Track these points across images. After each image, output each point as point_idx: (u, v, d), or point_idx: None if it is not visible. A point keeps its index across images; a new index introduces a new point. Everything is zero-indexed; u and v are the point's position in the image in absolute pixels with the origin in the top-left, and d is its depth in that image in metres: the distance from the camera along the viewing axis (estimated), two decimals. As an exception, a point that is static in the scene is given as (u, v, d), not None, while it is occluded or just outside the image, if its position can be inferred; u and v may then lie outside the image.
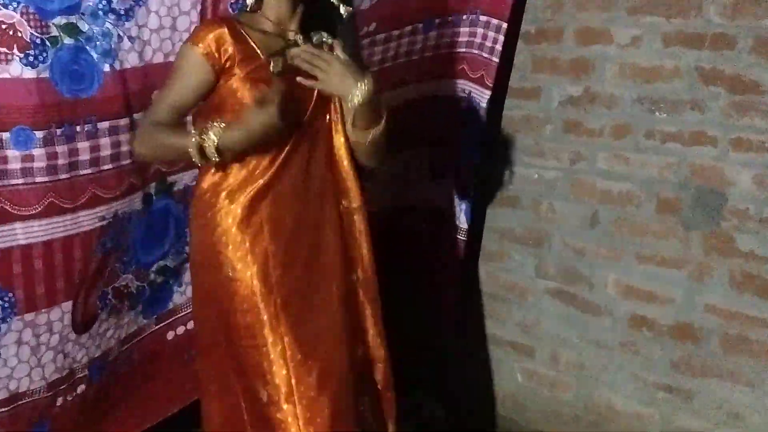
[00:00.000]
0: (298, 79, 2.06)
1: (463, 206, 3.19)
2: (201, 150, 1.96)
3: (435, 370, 3.38)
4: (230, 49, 2.02)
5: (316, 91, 2.12)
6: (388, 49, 2.85)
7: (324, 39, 2.17)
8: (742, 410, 2.70)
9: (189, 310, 2.69)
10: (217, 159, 1.98)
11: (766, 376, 2.64)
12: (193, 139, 1.95)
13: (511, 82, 3.10)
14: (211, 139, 1.95)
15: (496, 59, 2.98)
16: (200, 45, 2.01)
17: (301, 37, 2.12)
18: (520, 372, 3.25)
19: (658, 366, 2.86)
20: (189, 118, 2.19)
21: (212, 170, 2.11)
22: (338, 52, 2.07)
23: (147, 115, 2.11)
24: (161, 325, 2.67)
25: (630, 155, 2.83)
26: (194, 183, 2.41)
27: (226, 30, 2.03)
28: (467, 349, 3.36)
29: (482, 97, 3.04)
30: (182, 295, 2.69)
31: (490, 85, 3.01)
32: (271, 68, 2.04)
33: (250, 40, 2.06)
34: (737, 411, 2.71)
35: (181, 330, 2.73)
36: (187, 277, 2.64)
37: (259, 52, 2.06)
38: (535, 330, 3.18)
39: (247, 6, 2.13)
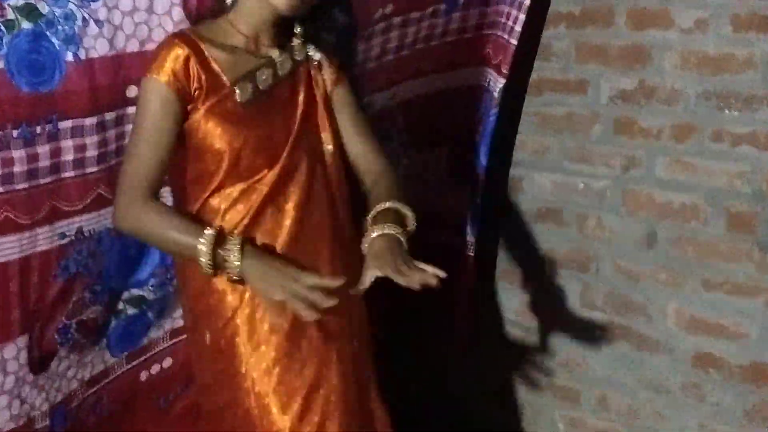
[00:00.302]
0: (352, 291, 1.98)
1: (470, 216, 3.20)
2: (214, 262, 1.95)
3: (458, 415, 3.38)
4: (196, 75, 2.00)
5: (298, 113, 2.12)
6: (405, 34, 2.84)
7: (310, 54, 2.17)
8: (831, 468, 2.69)
9: (166, 345, 2.69)
10: (236, 281, 1.99)
11: None
12: (204, 247, 1.94)
13: (551, 74, 3.12)
14: (234, 255, 1.94)
15: (514, 41, 2.99)
16: (161, 76, 2.00)
17: (278, 53, 2.11)
18: (562, 421, 3.24)
19: (728, 414, 2.85)
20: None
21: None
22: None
23: (127, 177, 2.06)
24: (133, 364, 2.64)
25: (694, 161, 2.83)
26: None
27: (187, 51, 2.01)
28: (498, 393, 3.36)
29: (497, 86, 3.07)
30: (160, 329, 2.67)
31: (506, 72, 3.03)
32: (237, 97, 2.03)
33: (213, 63, 2.03)
34: (825, 469, 2.70)
35: (156, 369, 2.70)
36: (174, 311, 2.64)
37: (223, 78, 2.03)
38: (581, 371, 3.17)
39: (225, 5, 2.11)
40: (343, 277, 1.96)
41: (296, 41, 2.15)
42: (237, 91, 2.02)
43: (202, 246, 1.93)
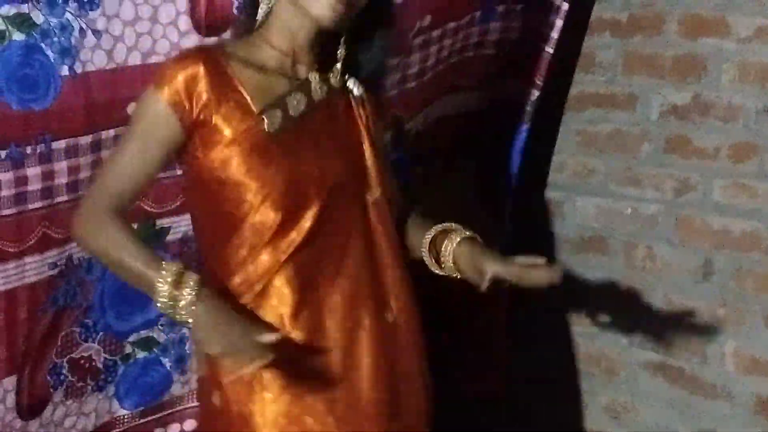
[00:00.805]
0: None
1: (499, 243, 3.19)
2: (170, 302, 1.84)
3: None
4: (206, 98, 1.89)
5: (337, 146, 2.02)
6: (442, 48, 2.84)
7: (349, 86, 2.06)
8: None
9: (190, 405, 2.67)
10: (187, 324, 1.89)
11: None
12: (160, 284, 1.83)
13: (595, 87, 3.12)
14: (186, 300, 1.83)
15: (550, 50, 3.01)
16: (166, 90, 1.88)
17: (317, 76, 2.00)
18: (611, 470, 3.22)
19: (793, 465, 2.84)
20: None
21: None
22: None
23: (94, 187, 1.99)
24: (147, 419, 2.63)
25: (755, 184, 2.83)
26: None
27: (201, 69, 1.89)
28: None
29: (529, 99, 3.10)
30: (184, 385, 2.66)
31: (539, 83, 3.06)
32: (265, 127, 1.91)
33: (238, 85, 1.92)
34: None
35: (175, 429, 2.70)
36: (191, 361, 2.63)
37: (250, 102, 1.92)
38: (630, 416, 3.16)
39: (256, 23, 1.99)
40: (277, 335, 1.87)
41: (337, 68, 2.03)
42: (264, 118, 1.91)
43: (161, 285, 1.83)
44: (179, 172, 2.18)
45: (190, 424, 2.69)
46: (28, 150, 2.14)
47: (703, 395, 2.99)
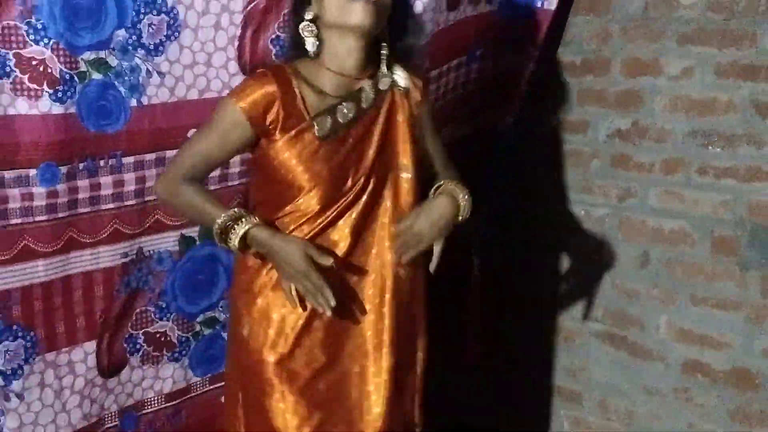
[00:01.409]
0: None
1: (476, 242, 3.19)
2: (224, 233, 1.91)
3: (476, 416, 3.34)
4: (276, 111, 1.91)
5: (374, 142, 1.99)
6: (438, 87, 2.81)
7: (397, 81, 2.03)
8: (806, 463, 2.64)
9: None
10: (237, 252, 1.94)
11: (831, 427, 2.57)
12: (220, 220, 1.90)
13: (556, 115, 3.09)
14: (237, 233, 1.89)
15: (524, 86, 2.98)
16: (245, 104, 1.91)
17: (369, 85, 1.98)
18: (567, 419, 3.20)
19: (714, 415, 2.81)
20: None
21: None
22: (408, 221, 1.99)
23: (176, 160, 2.04)
24: (216, 386, 2.60)
25: (682, 192, 2.80)
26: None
27: (276, 89, 1.91)
28: (511, 395, 3.33)
29: (505, 123, 3.06)
30: None
31: (515, 113, 3.03)
32: (315, 132, 1.91)
33: (299, 99, 1.93)
34: (800, 464, 2.65)
35: None
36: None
37: (305, 113, 1.93)
38: (583, 375, 3.13)
39: (309, 52, 1.97)
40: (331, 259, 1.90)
41: (383, 70, 2.01)
42: (315, 126, 1.92)
43: (220, 219, 1.90)
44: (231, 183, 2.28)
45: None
46: (101, 163, 2.15)
47: (642, 358, 2.96)
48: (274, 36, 2.31)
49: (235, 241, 1.89)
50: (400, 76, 2.02)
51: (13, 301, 2.08)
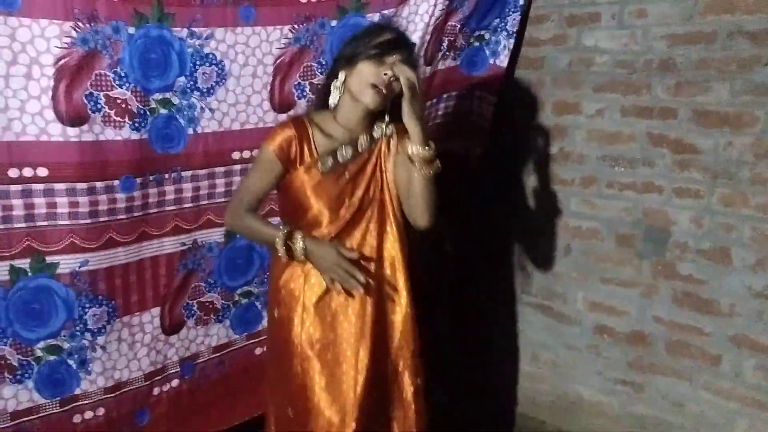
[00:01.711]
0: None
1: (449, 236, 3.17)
2: (286, 246, 1.91)
3: (440, 364, 3.32)
4: (294, 149, 1.91)
5: (366, 177, 1.97)
6: None
7: (386, 131, 2.00)
8: (683, 400, 2.66)
9: None
10: (302, 259, 1.92)
11: (701, 373, 2.61)
12: (279, 239, 1.90)
13: (507, 144, 3.07)
14: (300, 245, 1.89)
15: (487, 125, 2.98)
16: (274, 146, 1.90)
17: (366, 136, 1.97)
18: (507, 369, 3.20)
19: (616, 365, 2.83)
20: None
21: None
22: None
23: (237, 197, 2.01)
24: (251, 342, 2.61)
25: (595, 200, 2.81)
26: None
27: (294, 133, 1.91)
28: (467, 349, 3.32)
29: (473, 155, 3.04)
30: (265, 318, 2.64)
31: (481, 146, 3.01)
32: (319, 167, 1.92)
33: (312, 141, 1.92)
34: (679, 401, 2.67)
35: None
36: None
37: (315, 152, 1.92)
38: (522, 336, 3.14)
39: (328, 105, 1.97)
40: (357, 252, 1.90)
41: (383, 124, 1.98)
42: (320, 163, 1.92)
43: (279, 238, 1.90)
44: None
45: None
46: (166, 176, 2.18)
47: (564, 323, 2.97)
48: (296, 83, 2.35)
49: (299, 252, 1.90)
50: (390, 128, 2.00)
51: (99, 277, 2.11)
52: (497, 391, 3.24)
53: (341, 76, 1.93)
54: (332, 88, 1.95)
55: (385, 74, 1.86)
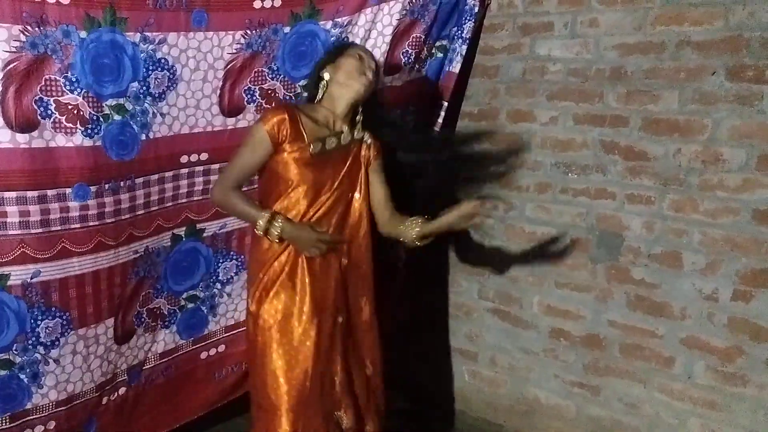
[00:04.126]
0: None
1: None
2: (265, 228, 2.04)
3: (400, 371, 3.30)
4: (285, 130, 2.03)
5: (344, 170, 2.13)
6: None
7: (364, 138, 2.19)
8: (637, 402, 2.67)
9: (221, 337, 2.62)
10: (277, 241, 2.06)
11: (654, 375, 2.61)
12: (262, 221, 2.03)
13: (462, 151, 3.03)
14: (277, 228, 2.03)
15: (437, 128, 2.95)
16: (268, 126, 2.02)
17: (347, 130, 2.15)
18: (467, 372, 3.19)
19: (572, 368, 2.83)
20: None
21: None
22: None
23: (226, 173, 2.10)
24: (197, 346, 2.59)
25: (550, 206, 2.82)
26: (221, 231, 2.41)
27: (286, 116, 2.03)
28: (426, 354, 3.30)
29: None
30: (216, 324, 2.61)
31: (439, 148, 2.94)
32: (310, 150, 2.06)
33: (301, 127, 2.06)
34: (633, 402, 2.68)
35: (213, 351, 2.64)
36: (221, 309, 2.58)
37: (305, 135, 2.06)
38: (478, 340, 3.13)
39: (316, 98, 2.16)
40: (343, 238, 2.13)
41: (358, 126, 2.17)
42: (311, 146, 2.05)
43: (262, 219, 2.04)
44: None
45: (222, 347, 2.64)
46: (121, 184, 2.12)
47: (521, 327, 2.97)
48: (246, 87, 2.33)
49: (275, 233, 2.03)
50: (368, 136, 2.20)
51: (52, 289, 2.04)
52: (455, 395, 3.21)
53: (326, 74, 2.12)
54: (321, 86, 2.13)
55: (368, 66, 2.10)
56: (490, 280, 3.04)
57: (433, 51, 2.78)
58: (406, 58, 2.65)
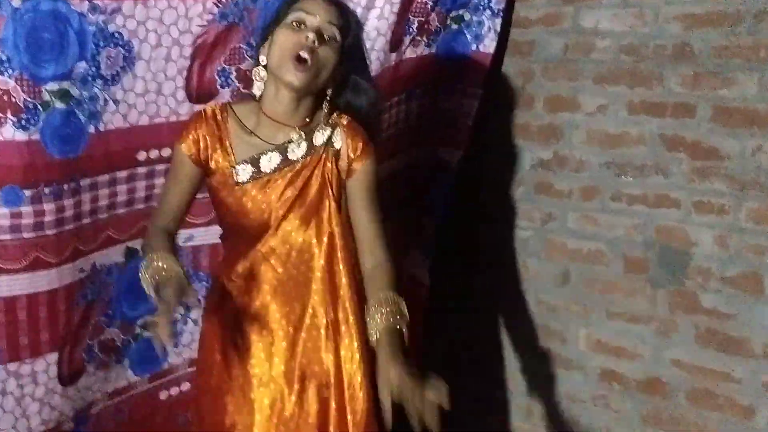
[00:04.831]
0: None
1: (426, 263, 3.16)
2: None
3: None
4: (209, 150, 1.90)
5: (295, 196, 1.90)
6: (381, 120, 2.77)
7: (333, 141, 1.92)
8: (709, 463, 2.65)
9: (184, 372, 2.61)
10: (151, 294, 1.78)
11: (730, 428, 2.59)
12: (142, 266, 1.82)
13: (488, 147, 3.09)
14: (145, 276, 1.79)
15: (469, 122, 2.98)
16: (183, 145, 1.91)
17: (297, 135, 1.90)
18: (495, 425, 3.17)
19: (628, 420, 2.81)
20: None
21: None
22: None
23: (153, 216, 2.02)
24: (154, 384, 2.58)
25: (598, 216, 2.82)
26: (186, 244, 2.42)
27: (204, 129, 1.90)
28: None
29: (453, 158, 3.04)
30: (178, 356, 2.61)
31: (463, 146, 3.02)
32: (235, 177, 1.89)
33: (227, 142, 1.91)
34: (704, 463, 2.66)
35: (175, 391, 2.63)
36: (185, 338, 2.58)
37: (231, 157, 1.90)
38: (514, 383, 3.12)
39: (256, 94, 1.93)
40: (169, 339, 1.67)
41: (322, 125, 1.92)
42: (235, 172, 1.90)
43: (141, 267, 1.81)
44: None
45: (187, 386, 2.63)
46: (65, 187, 2.11)
47: (564, 368, 2.96)
48: (220, 68, 2.33)
49: (145, 283, 1.80)
50: (337, 138, 1.93)
51: (-25, 313, 2.04)
52: (482, 454, 3.21)
53: (262, 58, 1.89)
54: (254, 75, 1.92)
55: (306, 37, 1.79)
56: (525, 309, 3.03)
57: (448, 22, 2.80)
58: (407, 28, 2.66)
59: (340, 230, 1.92)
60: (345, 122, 1.95)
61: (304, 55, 1.79)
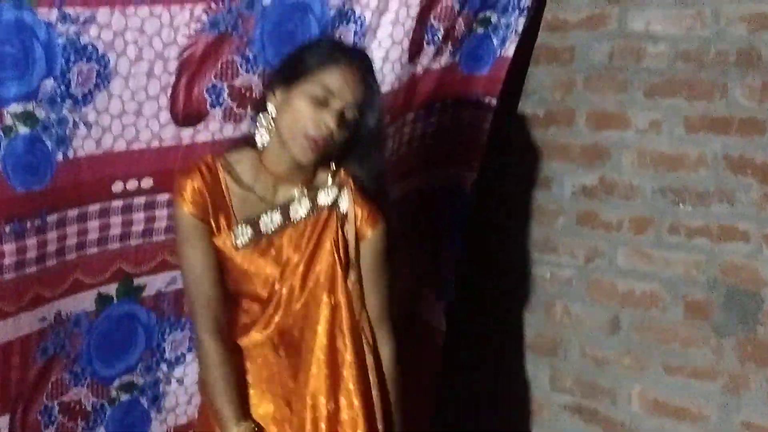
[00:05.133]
0: None
1: (442, 305, 3.17)
2: None
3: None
4: (209, 207, 1.95)
5: (301, 260, 1.99)
6: (393, 140, 2.82)
7: (339, 203, 2.01)
8: None
9: None
10: None
11: (812, 504, 2.59)
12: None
13: (516, 170, 3.11)
14: None
15: (483, 139, 3.00)
16: (184, 206, 1.94)
17: (303, 196, 2.00)
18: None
19: (691, 494, 2.80)
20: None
21: None
22: None
23: (194, 307, 2.01)
24: None
25: (653, 251, 2.82)
26: (169, 288, 2.43)
27: (200, 182, 1.94)
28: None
29: (467, 181, 3.08)
30: (162, 423, 2.61)
31: (476, 167, 3.04)
32: (234, 240, 1.96)
33: (226, 199, 1.97)
34: None
35: None
36: (168, 401, 2.58)
37: (232, 216, 1.97)
38: (552, 451, 3.11)
39: (258, 143, 2.00)
40: None
41: (328, 185, 2.01)
42: (233, 235, 1.95)
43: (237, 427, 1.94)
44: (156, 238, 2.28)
45: (178, 461, 2.64)
46: (28, 224, 2.13)
47: (614, 431, 2.95)
48: (210, 85, 2.35)
49: None
50: (344, 199, 2.02)
51: None
52: None
53: (271, 108, 1.97)
54: (258, 121, 1.99)
55: (326, 123, 1.88)
56: (568, 362, 3.04)
57: (474, 26, 2.83)
58: (430, 36, 2.69)
59: (346, 300, 2.00)
60: (352, 182, 2.03)
61: (319, 138, 1.88)
